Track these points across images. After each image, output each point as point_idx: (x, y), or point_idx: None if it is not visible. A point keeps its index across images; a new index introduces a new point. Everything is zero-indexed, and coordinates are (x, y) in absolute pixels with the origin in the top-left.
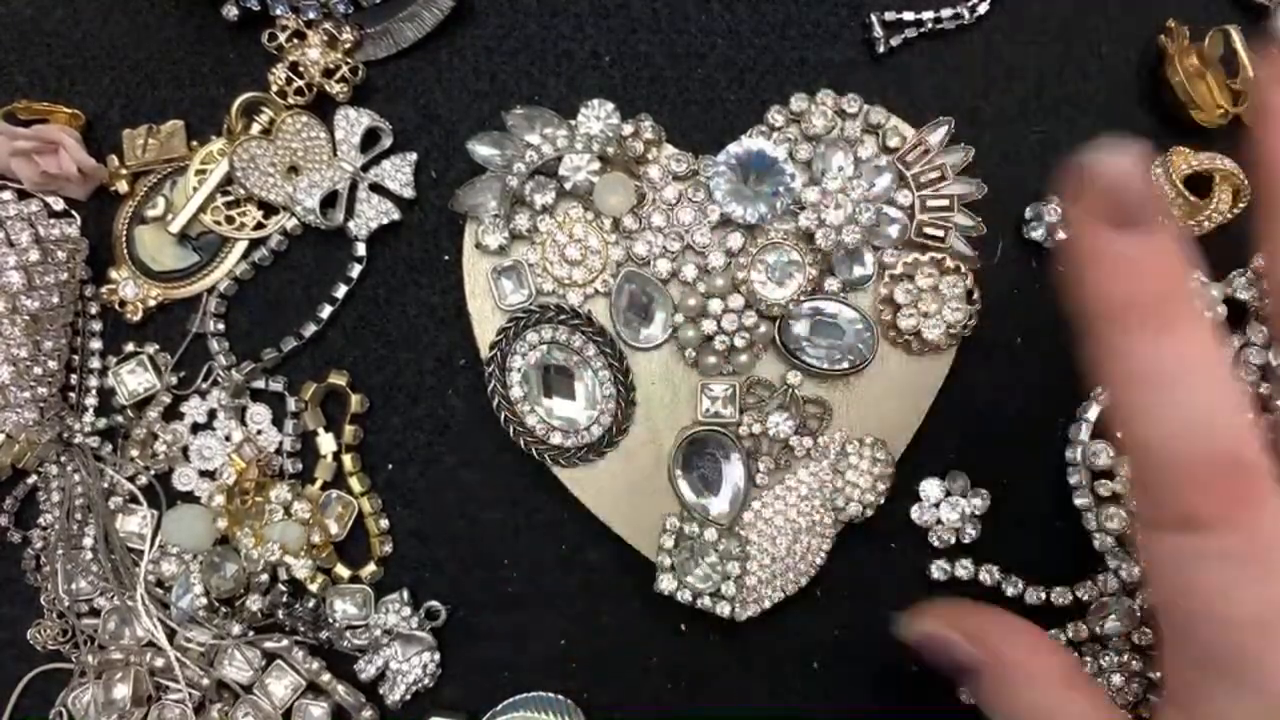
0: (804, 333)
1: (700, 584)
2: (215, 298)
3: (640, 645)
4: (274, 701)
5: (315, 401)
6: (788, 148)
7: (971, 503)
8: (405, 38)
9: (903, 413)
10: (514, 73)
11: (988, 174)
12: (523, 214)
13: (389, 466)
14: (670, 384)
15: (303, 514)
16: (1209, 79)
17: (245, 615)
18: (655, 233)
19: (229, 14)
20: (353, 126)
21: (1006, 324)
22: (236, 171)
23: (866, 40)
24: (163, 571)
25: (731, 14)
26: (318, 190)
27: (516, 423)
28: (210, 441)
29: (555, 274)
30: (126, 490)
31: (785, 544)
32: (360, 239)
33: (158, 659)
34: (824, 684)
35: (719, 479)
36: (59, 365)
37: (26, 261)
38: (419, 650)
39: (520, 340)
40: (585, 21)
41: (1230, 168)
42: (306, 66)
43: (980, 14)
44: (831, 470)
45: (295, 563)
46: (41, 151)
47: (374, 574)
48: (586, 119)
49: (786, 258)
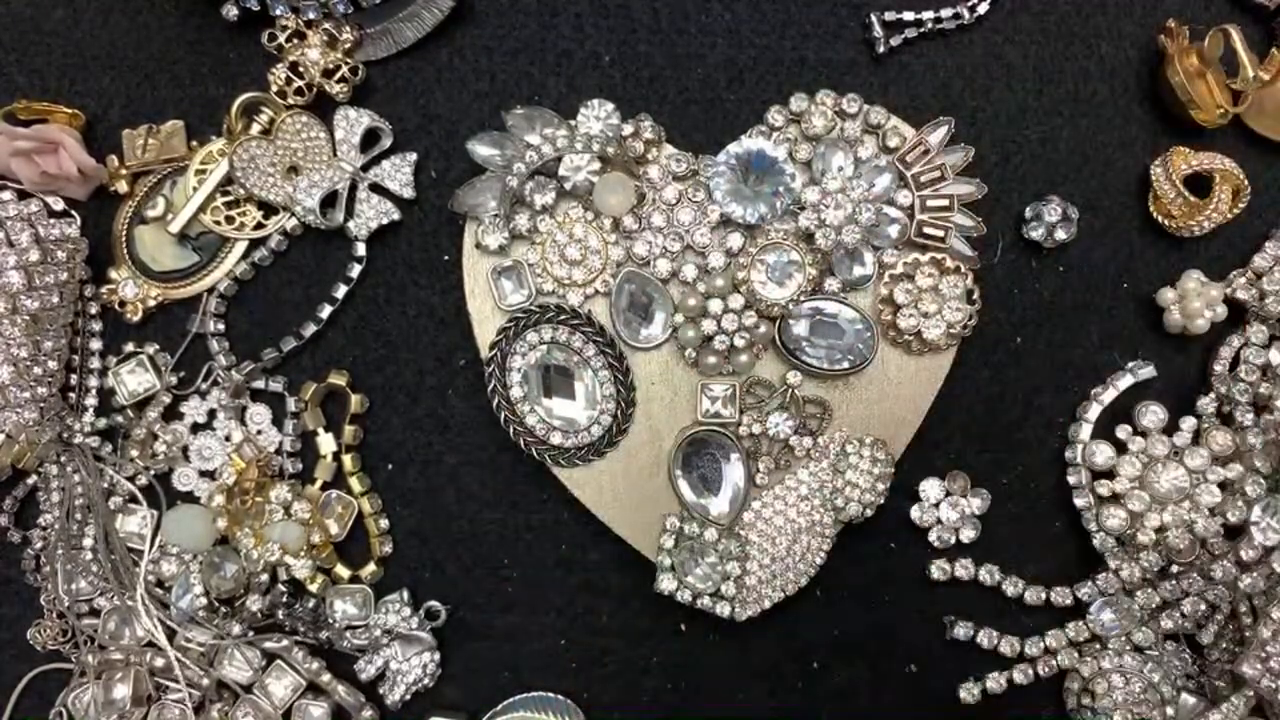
0: (804, 333)
1: (700, 584)
2: (215, 298)
3: (640, 645)
4: (274, 701)
5: (315, 401)
6: (788, 148)
7: (971, 503)
8: (405, 38)
9: (903, 413)
10: (514, 73)
11: (988, 174)
12: (523, 214)
13: (389, 466)
14: (670, 384)
15: (303, 514)
16: (1209, 79)
17: (245, 615)
18: (655, 233)
19: (229, 14)
20: (353, 126)
21: (1006, 324)
22: (236, 171)
23: (866, 40)
24: (163, 571)
25: (731, 14)
26: (318, 190)
27: (516, 423)
28: (210, 441)
29: (555, 274)
30: (126, 490)
31: (785, 544)
32: (360, 239)
33: (158, 659)
34: (824, 684)
35: (719, 479)
36: (59, 365)
37: (26, 261)
38: (419, 650)
39: (520, 340)
40: (585, 21)
41: (1230, 168)
42: (306, 66)
43: (980, 14)
44: (831, 470)
45: (295, 563)
46: (41, 151)
47: (374, 574)
48: (586, 119)
49: (786, 258)
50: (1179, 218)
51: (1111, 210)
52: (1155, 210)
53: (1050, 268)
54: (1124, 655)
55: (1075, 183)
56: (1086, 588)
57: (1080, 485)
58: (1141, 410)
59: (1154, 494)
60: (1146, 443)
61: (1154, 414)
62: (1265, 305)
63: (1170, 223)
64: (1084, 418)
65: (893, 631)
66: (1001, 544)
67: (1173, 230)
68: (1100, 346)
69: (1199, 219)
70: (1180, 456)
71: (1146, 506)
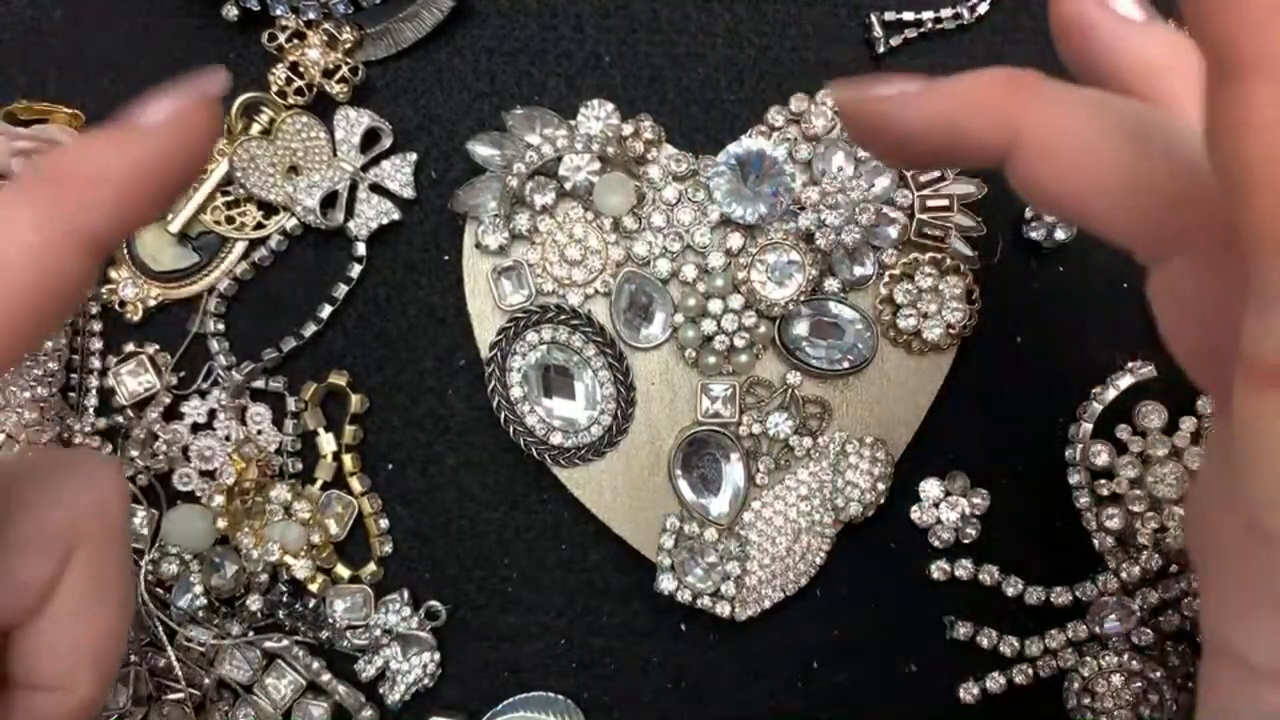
0: (804, 333)
1: (700, 584)
2: (215, 298)
3: (640, 645)
4: (274, 701)
5: (315, 401)
6: (788, 148)
7: (971, 503)
8: (405, 38)
9: (903, 413)
10: (514, 73)
11: (988, 174)
12: (523, 214)
13: (389, 466)
14: (670, 384)
15: (303, 514)
16: None
17: (245, 615)
18: (655, 233)
19: (229, 14)
20: (353, 126)
21: (1006, 324)
22: (236, 171)
23: (866, 40)
24: (163, 571)
25: (731, 14)
26: (318, 190)
27: (516, 423)
28: (210, 441)
29: (555, 274)
30: None
31: (785, 544)
32: (360, 239)
33: (158, 659)
34: (824, 684)
35: (719, 479)
36: (59, 365)
37: None
38: (419, 650)
39: (520, 340)
40: (585, 21)
41: None
42: (306, 66)
43: (980, 14)
44: (831, 470)
45: (295, 563)
46: (41, 151)
47: (374, 574)
48: (586, 119)
49: (786, 258)
50: None
51: None
52: None
53: (1050, 268)
54: (1124, 655)
55: None
56: (1086, 588)
57: (1080, 485)
58: (1141, 410)
59: (1154, 494)
60: (1146, 443)
61: (1154, 414)
62: None
63: None
64: (1084, 418)
65: (893, 631)
66: (1001, 544)
67: None
68: (1100, 346)
69: None
70: (1180, 456)
71: (1146, 507)
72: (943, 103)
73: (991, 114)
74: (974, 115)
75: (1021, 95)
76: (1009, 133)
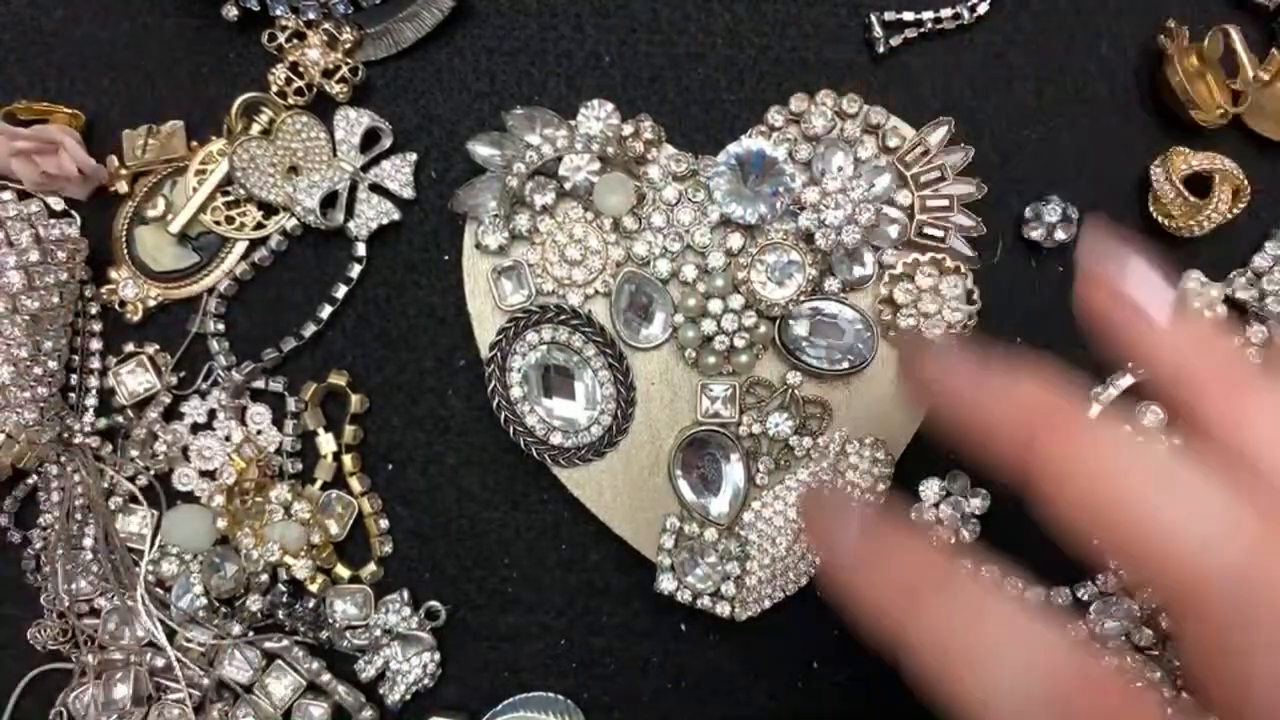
0: (804, 333)
1: (700, 584)
2: (215, 298)
3: (640, 645)
4: (274, 701)
5: (315, 401)
6: (788, 148)
7: (971, 503)
8: (405, 38)
9: (903, 413)
10: (514, 73)
11: (988, 174)
12: (523, 214)
13: (389, 466)
14: (670, 384)
15: (303, 514)
16: (1209, 79)
17: (245, 615)
18: (655, 233)
19: (229, 14)
20: (353, 126)
21: (1006, 324)
22: (236, 171)
23: (866, 40)
24: (163, 571)
25: (731, 14)
26: (318, 190)
27: (516, 423)
28: (210, 441)
29: (555, 274)
30: (126, 490)
31: (785, 544)
32: (360, 239)
33: (158, 659)
34: (824, 684)
35: (719, 479)
36: (59, 365)
37: (26, 261)
38: (419, 650)
39: (520, 340)
40: (585, 21)
41: (1230, 168)
42: (306, 67)
43: (980, 14)
44: (831, 470)
45: (295, 563)
46: (41, 151)
47: (374, 574)
48: (586, 119)
49: (786, 258)
50: (1179, 218)
51: (1111, 210)
52: (1155, 210)
53: (1050, 268)
54: (1124, 655)
55: (1075, 183)
56: (1086, 588)
57: None
58: (1141, 410)
59: None
60: None
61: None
62: (1265, 305)
63: (1170, 223)
64: None
65: None
66: (1001, 544)
67: (1172, 230)
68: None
69: (1199, 219)
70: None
71: None
72: (974, 416)
73: (1011, 448)
74: (997, 443)
75: (1039, 439)
76: (1025, 469)
